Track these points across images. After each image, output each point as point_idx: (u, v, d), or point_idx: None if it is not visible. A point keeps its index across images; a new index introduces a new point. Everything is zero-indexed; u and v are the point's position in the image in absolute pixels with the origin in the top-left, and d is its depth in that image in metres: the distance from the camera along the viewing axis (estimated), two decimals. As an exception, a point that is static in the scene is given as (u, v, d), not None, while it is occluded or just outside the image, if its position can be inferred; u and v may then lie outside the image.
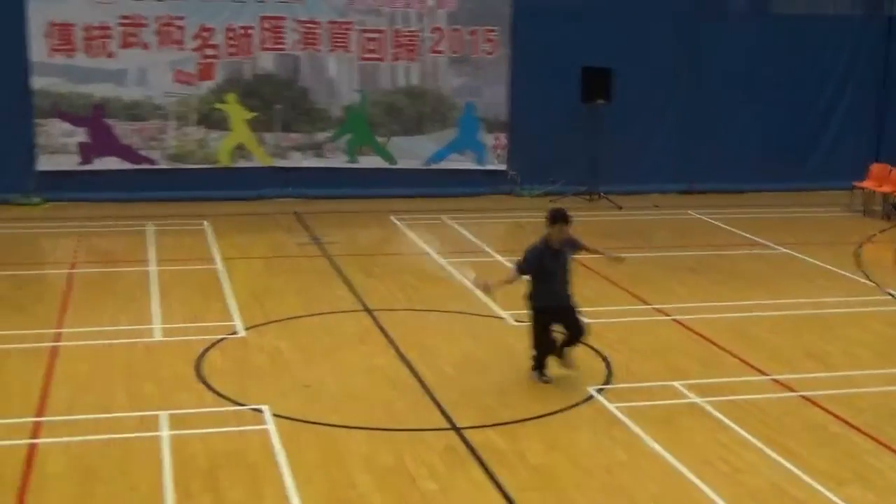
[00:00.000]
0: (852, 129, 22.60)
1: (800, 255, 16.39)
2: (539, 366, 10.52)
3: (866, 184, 20.28)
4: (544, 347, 10.48)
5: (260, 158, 20.19)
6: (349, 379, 10.57)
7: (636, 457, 8.86)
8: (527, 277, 10.48)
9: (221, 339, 11.63)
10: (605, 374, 10.79)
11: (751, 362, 11.23)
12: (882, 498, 8.22)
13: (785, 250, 16.82)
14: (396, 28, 20.42)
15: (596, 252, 11.10)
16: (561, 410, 9.78)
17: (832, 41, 22.25)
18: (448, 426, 9.41)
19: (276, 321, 12.40)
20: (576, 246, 10.69)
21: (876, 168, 20.54)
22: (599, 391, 10.28)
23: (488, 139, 21.08)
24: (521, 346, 11.65)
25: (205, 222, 17.75)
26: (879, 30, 22.53)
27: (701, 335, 12.17)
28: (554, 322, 10.42)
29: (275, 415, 9.48)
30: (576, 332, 10.44)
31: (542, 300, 10.39)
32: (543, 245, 10.41)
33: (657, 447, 9.01)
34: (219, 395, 10.02)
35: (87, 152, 19.42)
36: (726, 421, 9.58)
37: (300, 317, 12.64)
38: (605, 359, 11.23)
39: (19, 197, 18.91)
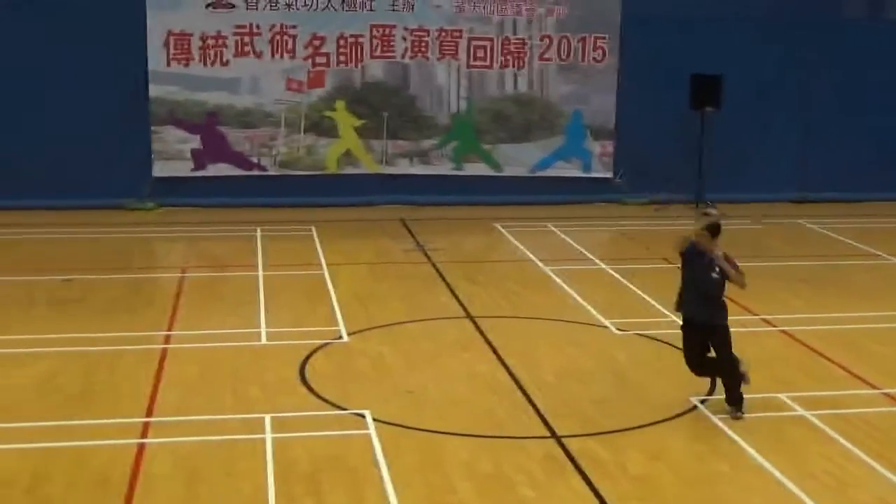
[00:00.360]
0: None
1: (915, 267, 15.96)
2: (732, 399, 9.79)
3: None
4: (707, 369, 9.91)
5: (367, 165, 20.42)
6: (451, 385, 10.62)
7: (739, 469, 8.73)
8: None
9: (326, 344, 11.80)
10: (709, 384, 10.63)
11: (860, 375, 10.96)
12: None
13: (900, 261, 16.37)
14: (505, 35, 20.46)
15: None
16: (663, 420, 9.69)
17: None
18: (548, 434, 9.40)
19: (380, 327, 12.53)
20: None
21: None
22: (703, 402, 10.14)
23: (595, 147, 20.97)
24: (623, 354, 11.61)
25: (312, 228, 18.01)
26: None
27: (809, 347, 11.93)
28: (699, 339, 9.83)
29: (376, 420, 9.57)
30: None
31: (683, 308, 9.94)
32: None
33: (761, 459, 8.86)
34: (322, 399, 10.16)
35: (200, 158, 19.89)
36: (833, 434, 9.37)
37: (403, 323, 12.74)
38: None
39: (134, 202, 19.44)
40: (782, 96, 21.15)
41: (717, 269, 9.68)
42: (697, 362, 9.88)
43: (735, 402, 9.77)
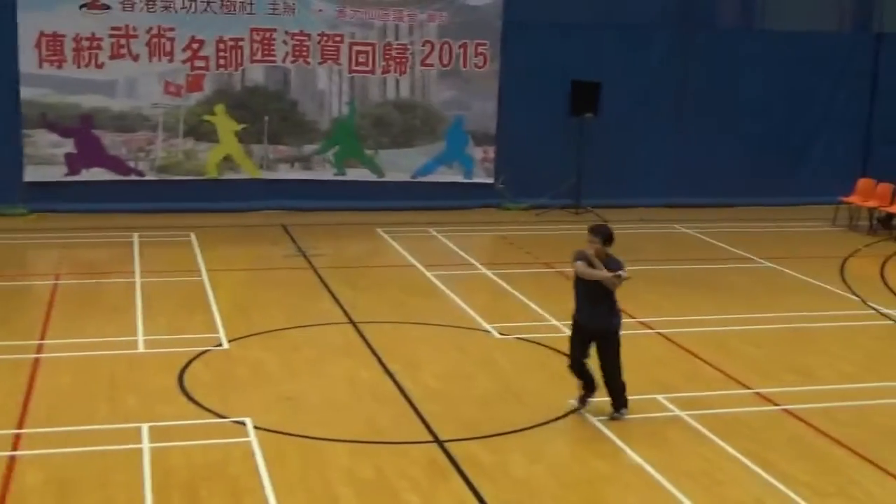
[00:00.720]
0: (839, 144, 22.68)
1: (785, 270, 16.42)
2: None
3: (852, 199, 20.34)
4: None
5: (248, 170, 20.18)
6: (332, 392, 10.56)
7: (618, 470, 8.87)
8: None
9: (205, 352, 11.61)
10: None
11: (734, 376, 11.24)
12: (862, 512, 8.25)
13: (770, 265, 16.85)
14: (387, 41, 20.46)
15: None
16: (544, 423, 9.78)
17: (821, 57, 22.34)
18: (431, 439, 9.40)
19: (261, 333, 12.38)
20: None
21: (862, 183, 20.61)
22: (583, 404, 10.27)
23: (476, 152, 21.11)
24: (505, 358, 11.70)
25: (191, 234, 17.72)
26: (867, 46, 22.65)
27: (685, 349, 12.19)
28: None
29: (257, 427, 9.46)
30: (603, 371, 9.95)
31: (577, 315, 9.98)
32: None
33: (639, 460, 9.01)
34: (201, 407, 9.99)
35: (74, 163, 19.39)
36: (709, 434, 9.59)
37: (285, 329, 12.62)
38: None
39: (5, 207, 18.84)
40: (658, 103, 21.61)
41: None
42: (580, 367, 9.98)
43: (622, 404, 9.92)
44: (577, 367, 9.99)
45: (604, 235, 9.81)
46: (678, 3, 21.51)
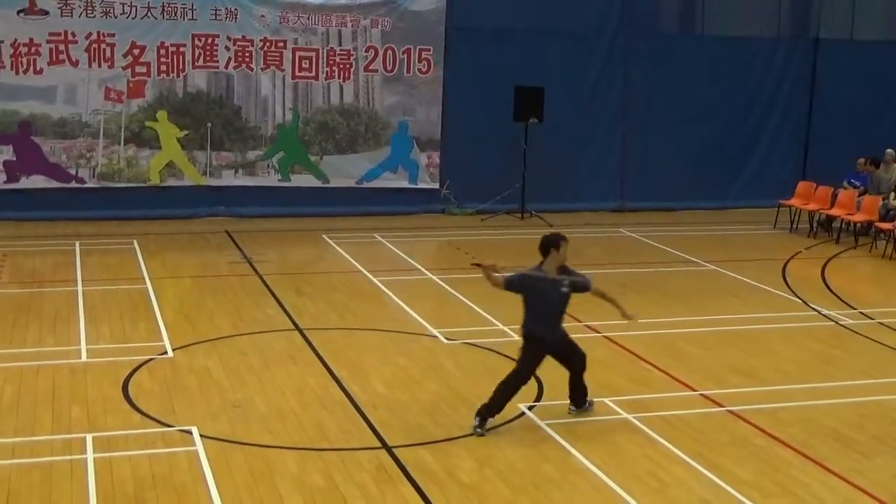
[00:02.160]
0: (779, 147, 23.04)
1: (728, 272, 16.60)
2: (485, 414, 9.70)
3: (793, 202, 20.63)
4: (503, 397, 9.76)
5: (191, 177, 20.02)
6: (279, 399, 10.48)
7: (566, 473, 8.90)
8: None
9: (150, 360, 11.48)
10: (537, 391, 10.81)
11: (680, 378, 11.34)
12: (807, 511, 8.35)
13: (714, 267, 17.03)
14: (330, 46, 20.40)
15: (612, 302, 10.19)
16: (492, 428, 9.77)
17: (760, 62, 22.70)
18: (379, 445, 9.37)
19: (206, 341, 12.27)
20: (576, 285, 9.82)
21: (802, 186, 20.94)
22: (530, 408, 10.31)
23: (421, 158, 21.12)
24: (452, 363, 11.70)
25: (134, 241, 17.54)
26: (805, 51, 23.02)
27: (631, 352, 12.28)
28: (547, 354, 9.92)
29: (203, 436, 9.37)
30: (578, 361, 10.01)
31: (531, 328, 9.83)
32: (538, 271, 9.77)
33: (587, 463, 9.06)
34: (146, 416, 9.88)
35: (13, 170, 19.11)
36: (655, 436, 9.66)
37: (230, 336, 12.52)
38: (535, 376, 11.23)
39: (-57, 216, 18.56)
40: (602, 108, 21.81)
41: (566, 283, 9.74)
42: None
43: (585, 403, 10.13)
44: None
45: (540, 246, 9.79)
46: (620, 9, 21.71)
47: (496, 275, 9.78)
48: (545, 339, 9.78)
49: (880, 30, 23.92)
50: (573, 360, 10.02)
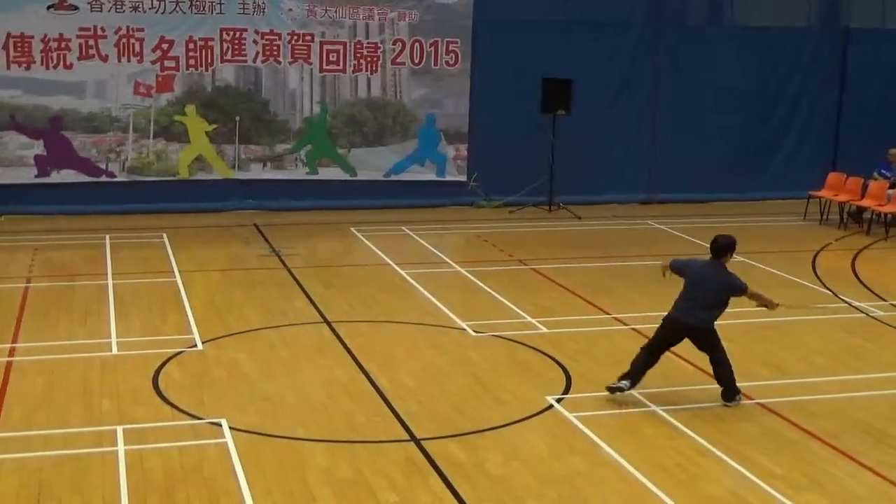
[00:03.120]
0: (809, 138, 22.87)
1: (758, 264, 16.49)
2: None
3: (823, 193, 20.48)
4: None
5: (219, 170, 20.11)
6: (308, 391, 10.53)
7: (595, 466, 8.89)
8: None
9: (179, 353, 11.55)
10: (565, 383, 10.81)
11: (708, 370, 11.23)
12: (837, 504, 8.31)
13: (743, 259, 16.86)
14: (358, 40, 20.42)
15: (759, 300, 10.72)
16: (520, 420, 9.80)
17: (790, 52, 22.52)
18: (407, 437, 9.40)
19: (235, 334, 12.34)
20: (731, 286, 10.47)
21: (832, 177, 20.77)
22: (558, 401, 10.31)
23: (449, 150, 21.11)
24: (480, 356, 11.71)
25: (164, 235, 17.64)
26: (835, 41, 22.81)
27: (660, 344, 12.21)
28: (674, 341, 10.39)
29: (233, 428, 9.42)
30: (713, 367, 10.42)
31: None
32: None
33: (616, 456, 9.04)
34: (176, 408, 9.95)
35: (44, 165, 19.26)
36: (684, 429, 9.64)
37: (259, 329, 12.58)
38: (564, 368, 11.27)
39: (-25, 211, 18.73)
40: (630, 100, 21.73)
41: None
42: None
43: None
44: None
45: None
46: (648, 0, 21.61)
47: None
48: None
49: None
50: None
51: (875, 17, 23.06)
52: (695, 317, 10.23)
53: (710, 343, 10.36)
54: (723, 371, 10.34)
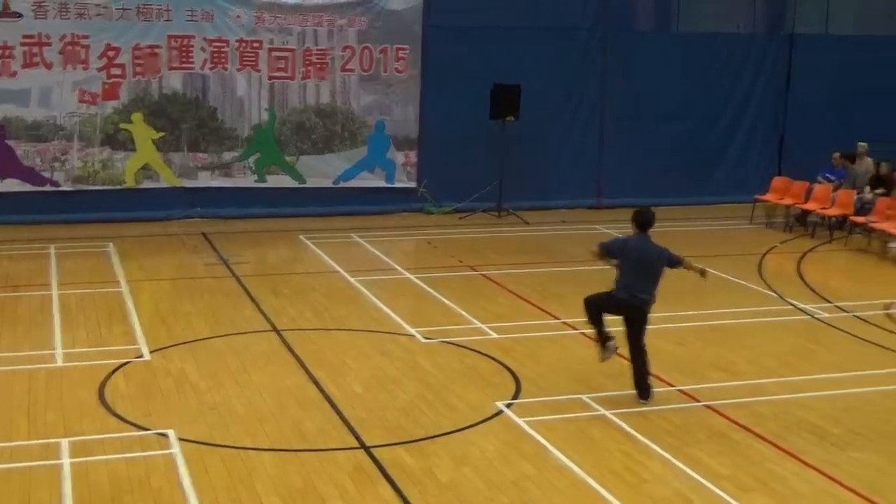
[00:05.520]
0: (755, 143, 23.16)
1: (706, 268, 16.59)
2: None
3: (768, 196, 20.72)
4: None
5: (167, 179, 19.94)
6: (257, 400, 10.45)
7: (544, 470, 8.91)
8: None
9: (126, 363, 11.43)
10: (514, 388, 10.84)
11: (657, 374, 11.32)
12: (783, 503, 8.40)
13: (691, 263, 17.04)
14: (307, 47, 20.36)
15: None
16: (470, 426, 9.80)
17: (736, 58, 22.80)
18: (357, 445, 9.37)
19: (183, 343, 12.23)
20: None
21: (777, 181, 21.04)
22: (508, 406, 10.33)
23: (398, 157, 21.11)
24: (429, 362, 11.70)
25: (110, 244, 17.46)
26: (780, 47, 23.11)
27: (609, 348, 12.28)
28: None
29: (180, 439, 9.34)
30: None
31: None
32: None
33: (565, 460, 9.07)
34: (123, 420, 9.83)
35: (-13, 174, 19.03)
36: (633, 432, 9.69)
37: (207, 338, 12.48)
38: (513, 374, 11.29)
39: (-85, 220, 18.42)
40: (579, 106, 21.86)
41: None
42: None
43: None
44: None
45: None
46: (596, 6, 21.75)
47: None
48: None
49: (853, 24, 24.10)
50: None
51: (818, 23, 23.40)
52: (645, 291, 10.44)
53: (643, 321, 10.50)
54: (644, 360, 10.46)
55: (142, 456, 9.03)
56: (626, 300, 10.39)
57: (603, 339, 10.55)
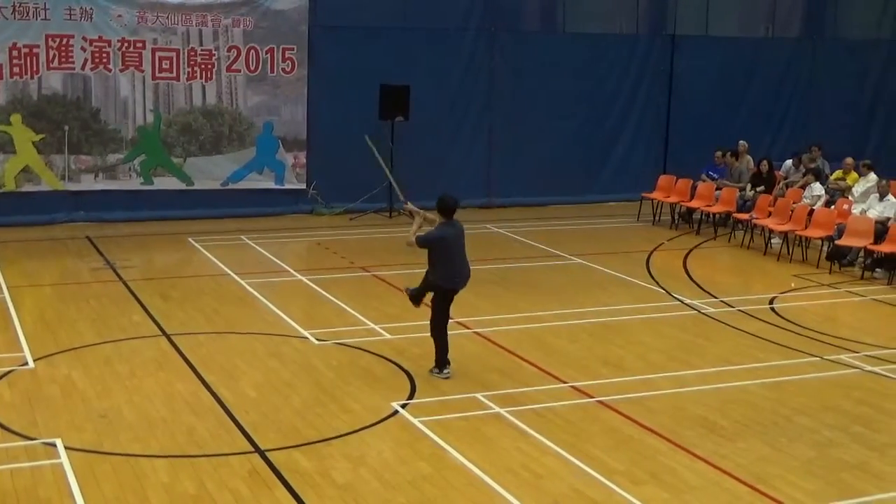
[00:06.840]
0: (641, 142, 23.57)
1: (595, 266, 16.90)
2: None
3: (654, 195, 21.11)
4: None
5: (48, 182, 19.42)
6: (147, 406, 10.26)
7: (441, 469, 8.92)
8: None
9: (9, 372, 11.10)
10: (409, 389, 10.83)
11: (550, 371, 11.49)
12: (675, 495, 8.54)
13: (580, 261, 17.31)
14: (191, 47, 20.04)
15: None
16: (365, 427, 9.77)
17: (620, 58, 23.17)
18: (252, 449, 9.26)
19: (69, 350, 11.93)
20: None
21: (663, 179, 21.44)
22: (403, 406, 10.32)
23: (288, 158, 20.93)
24: (323, 364, 11.63)
25: (-10, 250, 16.97)
26: (663, 47, 23.56)
27: (502, 347, 12.39)
28: None
29: (68, 448, 9.11)
30: None
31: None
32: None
33: (462, 459, 9.10)
34: (7, 430, 9.54)
35: None
36: (527, 429, 9.77)
37: (94, 344, 12.19)
38: (408, 374, 11.29)
39: None
40: (468, 105, 21.97)
41: None
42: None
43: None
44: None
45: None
46: (483, 6, 21.87)
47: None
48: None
49: (733, 26, 24.74)
50: None
51: (699, 25, 23.94)
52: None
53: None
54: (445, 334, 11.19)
55: (28, 466, 8.78)
56: (457, 290, 11.43)
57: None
